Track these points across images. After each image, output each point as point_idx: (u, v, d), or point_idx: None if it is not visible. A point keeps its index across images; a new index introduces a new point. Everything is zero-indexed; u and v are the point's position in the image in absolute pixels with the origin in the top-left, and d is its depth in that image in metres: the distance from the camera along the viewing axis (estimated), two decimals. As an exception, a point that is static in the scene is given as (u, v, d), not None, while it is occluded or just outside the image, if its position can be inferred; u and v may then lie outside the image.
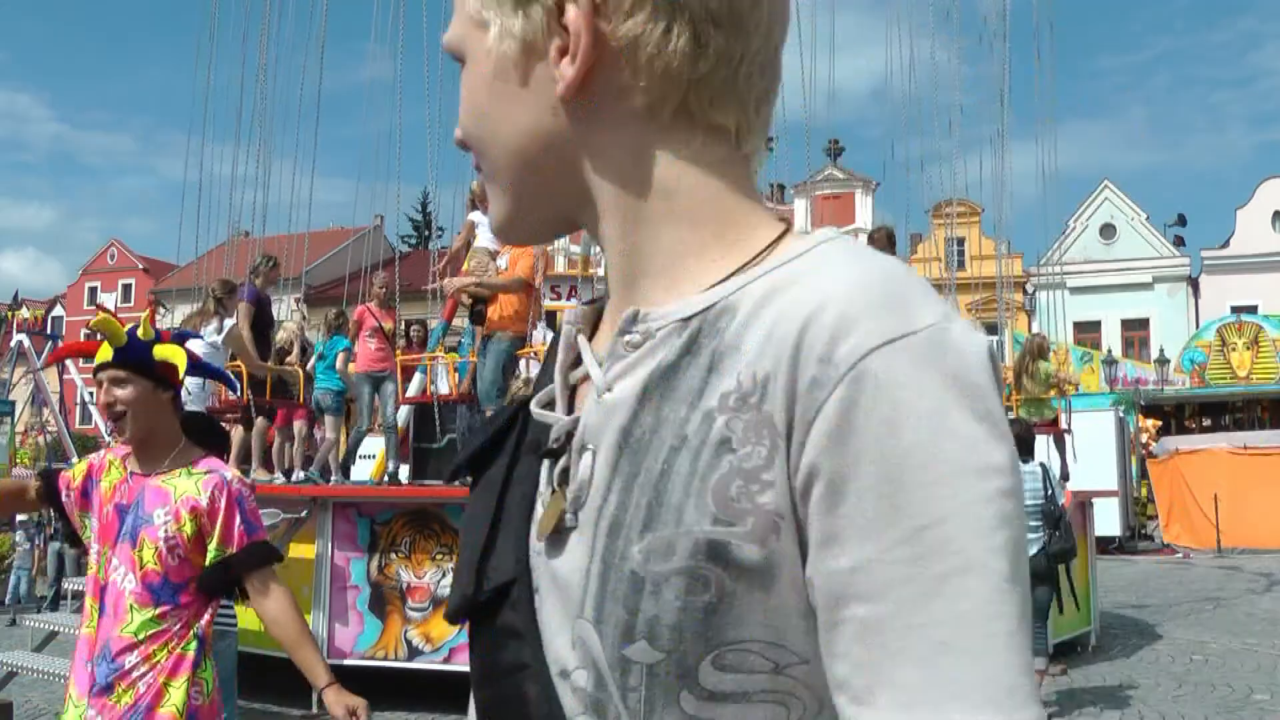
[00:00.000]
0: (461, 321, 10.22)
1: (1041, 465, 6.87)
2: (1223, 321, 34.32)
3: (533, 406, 0.76)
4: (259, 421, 9.06)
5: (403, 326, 10.50)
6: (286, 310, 10.71)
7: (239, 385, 8.40)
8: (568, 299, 10.68)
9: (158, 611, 2.63)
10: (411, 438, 9.65)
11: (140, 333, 2.72)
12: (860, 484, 0.58)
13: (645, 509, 0.63)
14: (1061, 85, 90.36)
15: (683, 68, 0.66)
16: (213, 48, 10.29)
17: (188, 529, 2.64)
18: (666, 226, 0.69)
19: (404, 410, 9.81)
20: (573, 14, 0.66)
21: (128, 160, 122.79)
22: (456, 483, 8.54)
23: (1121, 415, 22.47)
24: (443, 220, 36.57)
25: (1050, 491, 6.65)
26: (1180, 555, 20.05)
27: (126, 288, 57.82)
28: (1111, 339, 38.61)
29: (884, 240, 9.35)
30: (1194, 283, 39.85)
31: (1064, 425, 10.91)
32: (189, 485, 2.69)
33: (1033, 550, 6.57)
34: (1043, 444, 10.05)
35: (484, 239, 8.52)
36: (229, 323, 8.42)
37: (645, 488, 0.64)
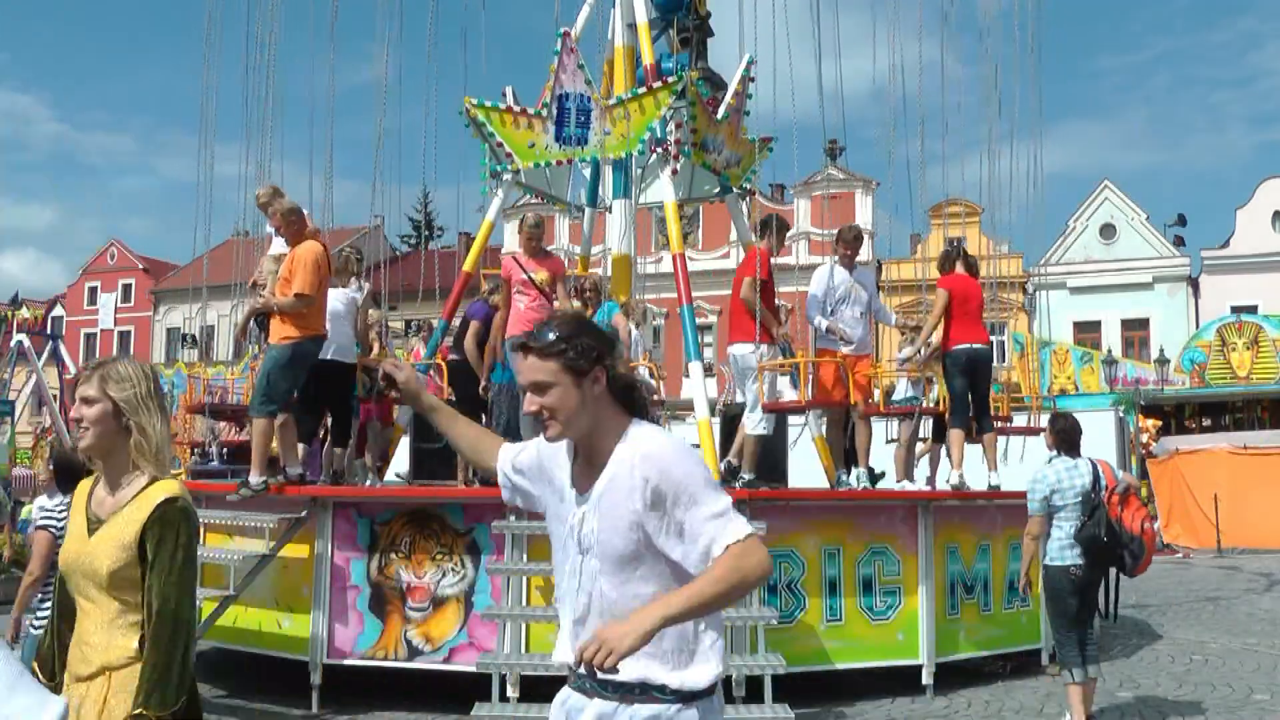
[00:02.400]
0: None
1: (1091, 461, 6.66)
2: (1223, 321, 34.28)
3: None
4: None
5: (402, 326, 10.47)
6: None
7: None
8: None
9: None
10: (412, 437, 9.63)
11: None
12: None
13: None
14: (1061, 85, 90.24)
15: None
16: (222, 48, 10.26)
17: None
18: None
19: (405, 410, 9.80)
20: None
21: (128, 160, 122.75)
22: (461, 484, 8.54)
23: (1121, 415, 22.46)
24: (443, 220, 36.51)
25: (1098, 484, 6.41)
26: (1180, 555, 20.04)
27: (126, 288, 57.75)
28: (1111, 339, 38.58)
29: (852, 238, 9.17)
30: (1194, 283, 39.82)
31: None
32: None
33: (1069, 560, 6.34)
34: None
35: (276, 246, 8.46)
36: (368, 286, 8.52)
37: None
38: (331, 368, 8.04)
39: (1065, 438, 6.62)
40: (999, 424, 9.14)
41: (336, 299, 8.22)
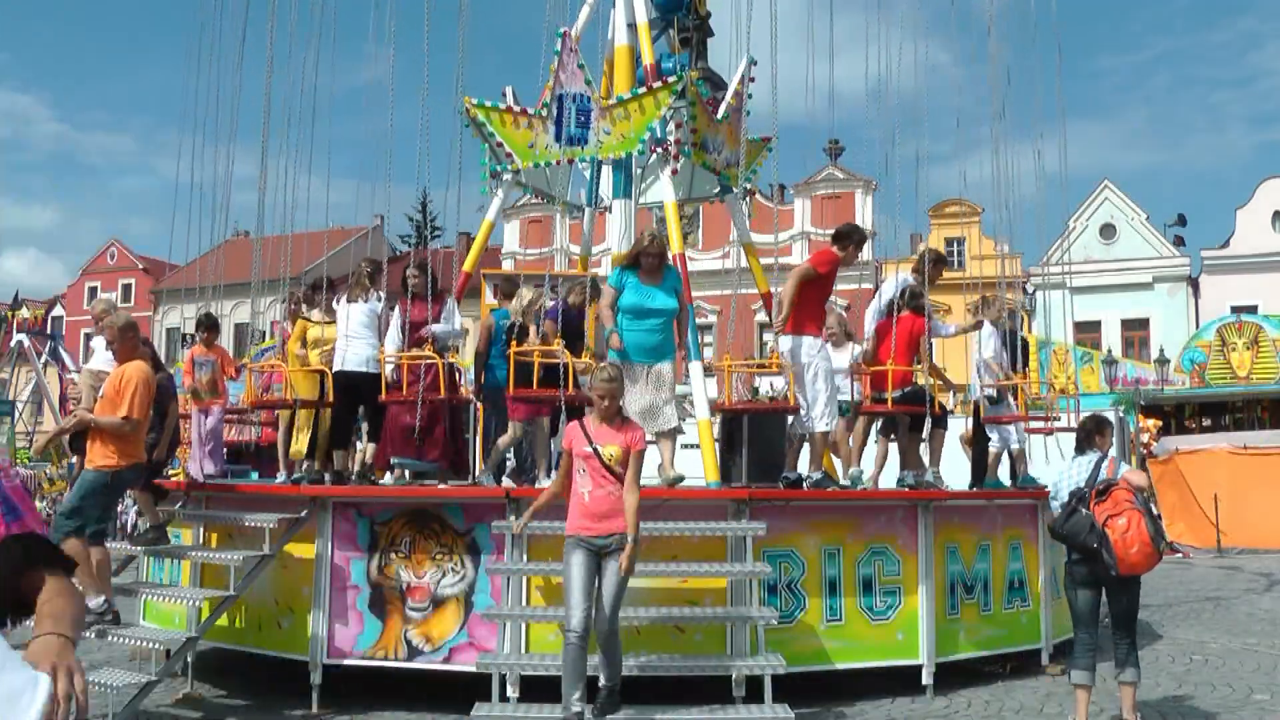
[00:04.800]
0: (464, 322, 10.19)
1: (1097, 458, 6.48)
2: (1223, 321, 34.28)
3: None
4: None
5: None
6: (285, 310, 10.69)
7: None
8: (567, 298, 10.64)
9: None
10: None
11: None
12: None
13: None
14: (1062, 85, 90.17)
15: None
16: (220, 49, 10.22)
17: None
18: None
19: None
20: None
21: (128, 160, 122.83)
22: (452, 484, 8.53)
23: (1121, 415, 22.47)
24: (443, 220, 36.50)
25: (1093, 482, 6.30)
26: (1180, 555, 20.04)
27: (126, 287, 57.75)
28: (1111, 339, 38.59)
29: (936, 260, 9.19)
30: (1194, 283, 39.83)
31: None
32: None
33: (1067, 559, 6.35)
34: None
35: (96, 361, 8.46)
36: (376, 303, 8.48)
37: None
38: (358, 379, 8.24)
39: (1078, 436, 6.73)
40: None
41: (358, 314, 8.33)
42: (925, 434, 9.03)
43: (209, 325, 9.54)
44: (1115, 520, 6.11)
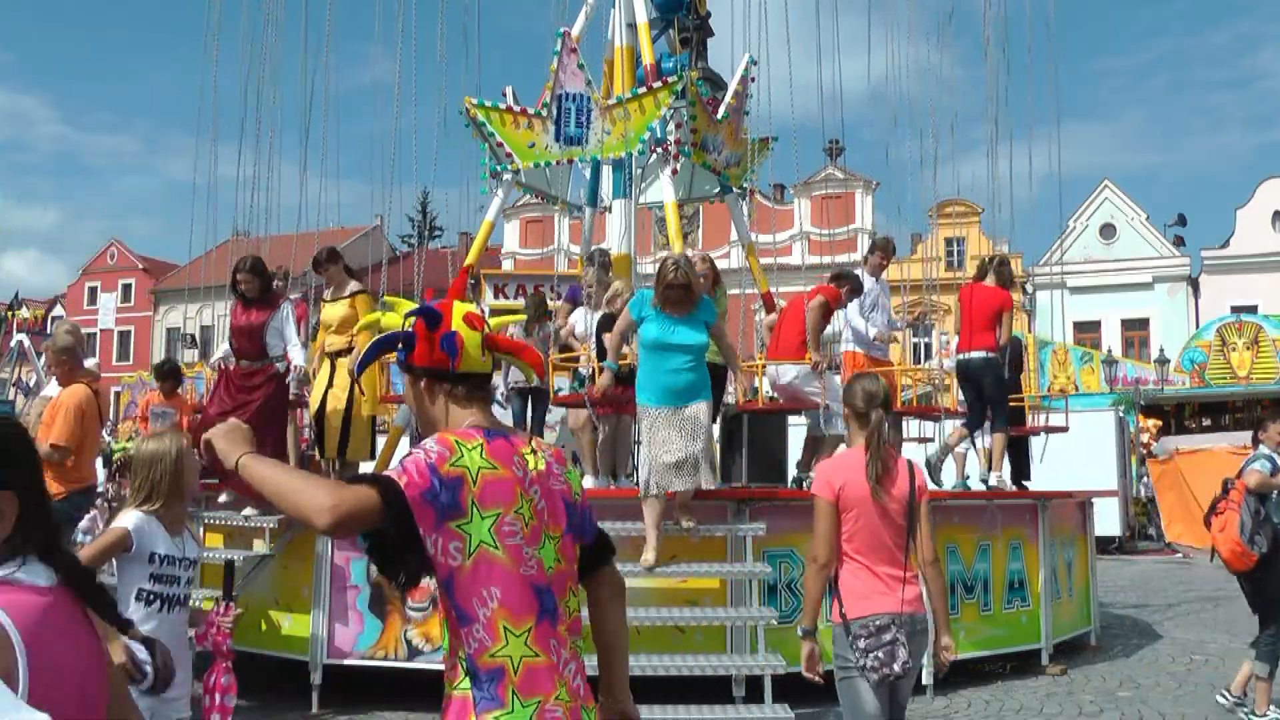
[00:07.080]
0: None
1: (1261, 453, 6.67)
2: (1223, 321, 34.27)
3: None
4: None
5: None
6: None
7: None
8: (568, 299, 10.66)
9: None
10: (412, 439, 9.64)
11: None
12: None
13: None
14: (1061, 86, 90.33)
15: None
16: (215, 47, 10.22)
17: None
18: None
19: (403, 409, 9.80)
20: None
21: (130, 161, 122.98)
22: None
23: (1121, 415, 22.47)
24: (443, 220, 36.51)
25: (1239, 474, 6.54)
26: (1180, 555, 20.03)
27: (126, 287, 57.78)
28: (1111, 339, 38.59)
29: (887, 248, 9.62)
30: (1194, 283, 39.84)
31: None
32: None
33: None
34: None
35: (50, 389, 8.37)
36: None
37: None
38: None
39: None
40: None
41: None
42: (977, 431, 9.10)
43: (168, 374, 8.60)
44: (1217, 518, 6.48)
